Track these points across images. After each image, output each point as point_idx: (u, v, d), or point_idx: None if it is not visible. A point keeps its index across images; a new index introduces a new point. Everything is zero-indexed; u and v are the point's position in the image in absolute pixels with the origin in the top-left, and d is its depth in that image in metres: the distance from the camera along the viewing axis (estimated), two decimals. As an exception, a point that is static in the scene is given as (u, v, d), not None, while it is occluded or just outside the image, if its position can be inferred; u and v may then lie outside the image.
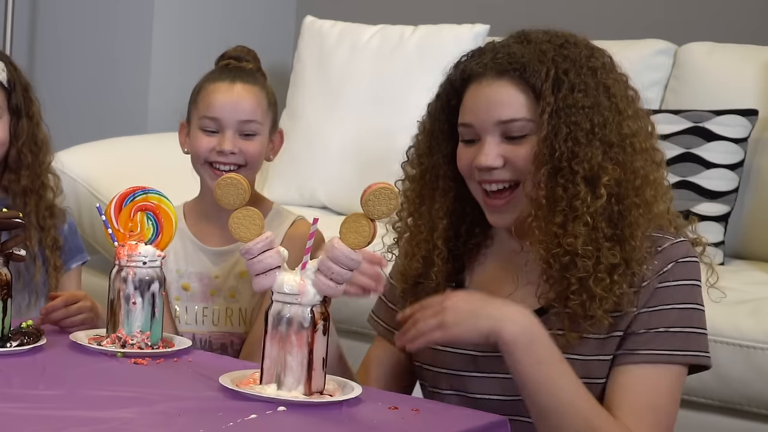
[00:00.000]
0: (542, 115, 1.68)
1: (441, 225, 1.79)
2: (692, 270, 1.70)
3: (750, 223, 2.87)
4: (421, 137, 1.83)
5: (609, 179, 1.66)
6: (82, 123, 3.83)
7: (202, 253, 2.17)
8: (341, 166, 3.33)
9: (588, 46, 1.75)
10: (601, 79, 1.71)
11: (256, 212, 1.61)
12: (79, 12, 3.88)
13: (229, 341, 2.15)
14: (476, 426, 1.53)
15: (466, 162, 1.75)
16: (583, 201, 1.65)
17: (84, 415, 1.46)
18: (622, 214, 1.67)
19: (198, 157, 2.14)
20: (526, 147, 1.70)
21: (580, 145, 1.66)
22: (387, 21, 3.53)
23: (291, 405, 1.53)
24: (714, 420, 2.37)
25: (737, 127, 2.84)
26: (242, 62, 2.20)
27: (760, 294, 2.47)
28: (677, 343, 1.67)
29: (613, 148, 1.68)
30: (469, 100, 1.74)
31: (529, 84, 1.69)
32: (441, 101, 1.80)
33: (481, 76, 1.73)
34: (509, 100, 1.70)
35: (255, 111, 2.13)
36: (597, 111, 1.68)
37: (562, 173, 1.67)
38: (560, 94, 1.68)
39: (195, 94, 2.19)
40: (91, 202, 3.03)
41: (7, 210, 1.81)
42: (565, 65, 1.70)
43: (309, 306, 1.56)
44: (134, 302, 1.81)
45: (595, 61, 1.73)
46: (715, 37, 3.15)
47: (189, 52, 3.79)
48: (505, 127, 1.70)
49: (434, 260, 1.79)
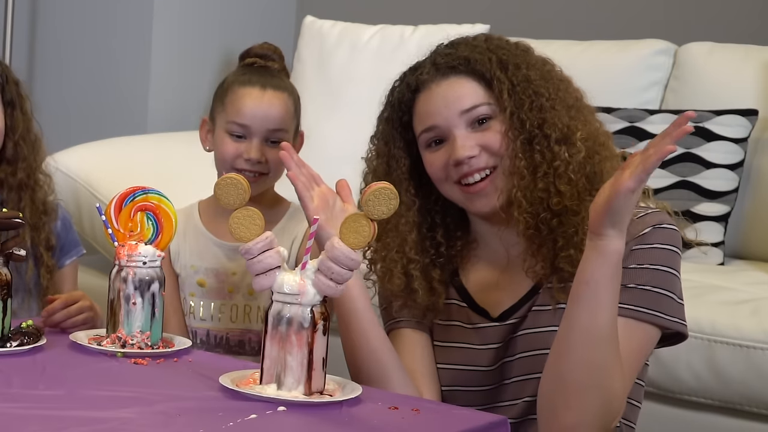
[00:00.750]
0: (501, 94, 1.75)
1: (410, 238, 1.82)
2: (670, 236, 1.72)
3: (750, 223, 2.87)
4: (377, 161, 1.86)
5: (581, 134, 1.73)
6: (82, 123, 3.83)
7: (218, 249, 2.17)
8: (341, 166, 3.32)
9: (503, 39, 1.83)
10: (534, 57, 1.80)
11: (256, 212, 1.61)
12: (79, 12, 3.88)
13: (247, 338, 2.16)
14: (476, 426, 1.53)
15: (439, 165, 1.78)
16: (563, 160, 1.72)
17: (84, 415, 1.46)
18: (596, 168, 1.73)
19: (224, 162, 2.13)
20: (494, 130, 1.76)
21: (545, 111, 1.74)
22: (387, 21, 3.53)
23: (291, 405, 1.53)
24: (714, 420, 2.38)
25: (737, 127, 2.84)
26: (268, 61, 2.18)
27: (760, 294, 2.47)
28: (650, 302, 1.68)
29: (572, 109, 1.76)
30: (423, 105, 1.80)
31: (477, 73, 1.77)
32: (391, 122, 1.85)
33: (428, 82, 1.79)
34: (464, 91, 1.77)
35: (284, 119, 2.13)
36: (547, 80, 1.77)
37: (537, 140, 1.73)
38: (509, 73, 1.76)
39: (223, 93, 2.16)
40: (91, 202, 3.02)
41: (7, 210, 1.81)
42: (500, 52, 1.78)
43: (309, 306, 1.56)
44: (134, 302, 1.81)
45: (520, 45, 1.82)
46: (715, 37, 3.15)
47: (189, 52, 3.79)
48: (470, 115, 1.76)
49: (412, 273, 1.81)
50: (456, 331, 1.84)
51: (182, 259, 2.18)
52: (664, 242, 1.71)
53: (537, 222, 1.71)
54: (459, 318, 1.84)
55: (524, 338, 1.76)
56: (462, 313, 1.84)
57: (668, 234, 1.71)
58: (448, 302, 1.85)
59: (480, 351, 1.80)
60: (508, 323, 1.78)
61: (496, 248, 1.83)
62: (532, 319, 1.76)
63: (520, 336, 1.77)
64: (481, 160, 1.75)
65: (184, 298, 2.19)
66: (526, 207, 1.72)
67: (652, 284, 1.68)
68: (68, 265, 2.32)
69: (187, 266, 2.18)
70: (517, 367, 1.77)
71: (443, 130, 1.77)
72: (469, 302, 1.84)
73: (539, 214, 1.71)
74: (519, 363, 1.77)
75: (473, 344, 1.81)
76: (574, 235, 1.70)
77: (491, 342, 1.80)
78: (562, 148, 1.72)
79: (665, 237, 1.71)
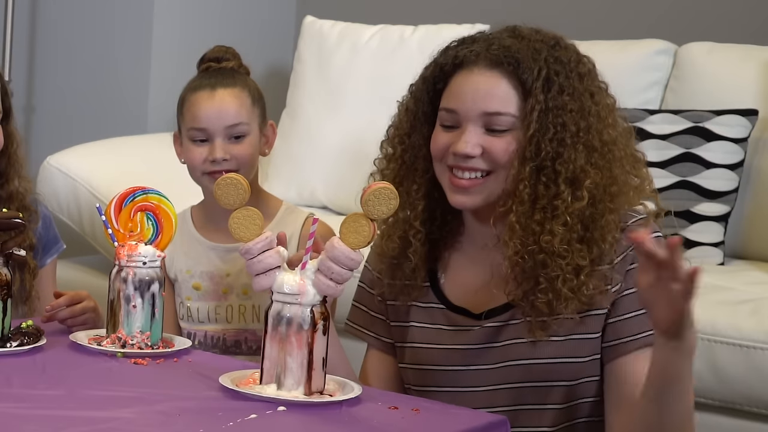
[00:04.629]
0: (531, 113, 1.70)
1: (419, 206, 1.80)
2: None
3: (750, 223, 2.87)
4: (404, 117, 1.84)
5: (591, 182, 1.69)
6: (82, 123, 3.82)
7: (211, 252, 2.18)
8: (341, 165, 3.33)
9: (576, 52, 1.78)
10: (586, 85, 1.75)
11: (255, 212, 1.61)
12: (79, 12, 3.88)
13: (243, 338, 2.16)
14: (476, 426, 1.53)
15: (441, 146, 1.76)
16: (564, 201, 1.69)
17: (84, 415, 1.46)
18: (595, 217, 1.70)
19: (194, 169, 2.16)
20: (506, 141, 1.72)
21: (565, 147, 1.70)
22: (387, 21, 3.53)
23: (291, 405, 1.53)
24: (714, 420, 2.37)
25: (737, 127, 2.83)
26: (222, 63, 2.20)
27: (760, 294, 2.47)
28: None
29: (595, 153, 1.71)
30: (457, 85, 1.76)
31: (521, 80, 1.72)
32: (427, 84, 1.81)
33: (473, 63, 1.75)
34: (498, 93, 1.73)
35: (239, 113, 2.14)
36: (582, 116, 1.72)
37: (545, 172, 1.70)
38: (549, 95, 1.71)
39: (180, 105, 2.20)
40: (91, 202, 3.02)
41: (7, 210, 1.81)
42: (556, 67, 1.73)
43: (309, 306, 1.56)
44: (134, 305, 1.81)
45: (582, 66, 1.76)
46: (715, 37, 3.15)
47: (189, 52, 3.77)
48: (489, 119, 1.73)
49: (410, 241, 1.80)
50: (430, 333, 1.81)
51: (177, 264, 2.20)
52: None
53: (524, 251, 1.69)
54: (438, 320, 1.81)
55: (502, 349, 1.74)
56: (441, 315, 1.82)
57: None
58: (426, 305, 1.83)
59: (454, 351, 1.78)
60: (489, 326, 1.76)
61: (485, 249, 1.80)
62: (514, 329, 1.75)
63: (498, 347, 1.75)
64: (478, 162, 1.73)
65: (181, 302, 2.20)
66: (519, 233, 1.70)
67: None
68: (47, 265, 2.28)
69: (183, 271, 2.19)
70: (493, 375, 1.75)
71: (459, 118, 1.74)
72: (447, 304, 1.82)
73: (528, 245, 1.69)
74: (494, 372, 1.75)
75: (447, 344, 1.79)
76: (556, 279, 1.68)
77: (468, 343, 1.77)
78: (567, 189, 1.69)
79: None
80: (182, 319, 2.20)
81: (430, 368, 1.80)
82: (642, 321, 1.68)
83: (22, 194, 2.21)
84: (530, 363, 1.72)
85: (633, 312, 1.70)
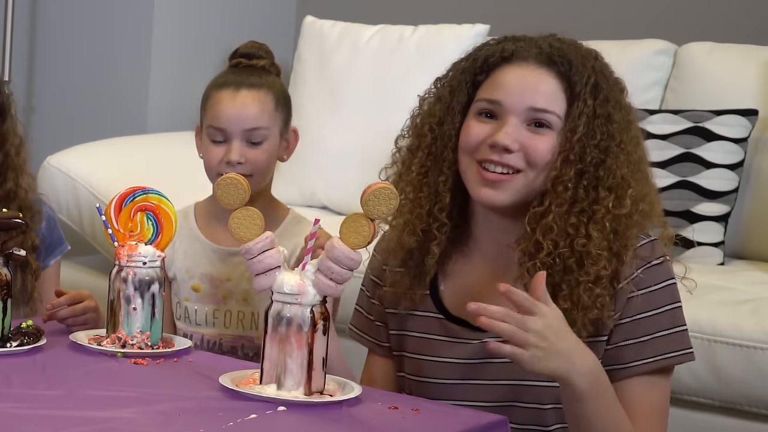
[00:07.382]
0: (580, 116, 1.70)
1: (446, 198, 1.76)
2: (662, 272, 1.71)
3: (750, 223, 2.87)
4: (437, 107, 1.79)
5: (633, 191, 1.69)
6: (81, 123, 3.82)
7: (213, 254, 2.16)
8: (341, 166, 3.33)
9: (612, 69, 1.78)
10: (625, 101, 1.76)
11: (256, 212, 1.61)
12: (79, 12, 3.88)
13: (240, 344, 2.15)
14: (476, 426, 1.53)
15: (476, 137, 1.72)
16: (604, 206, 1.68)
17: (84, 415, 1.46)
18: (623, 230, 1.69)
19: (210, 169, 2.13)
20: (545, 140, 1.70)
21: (610, 154, 1.69)
22: (387, 21, 3.53)
23: (291, 405, 1.53)
24: (714, 420, 2.38)
25: (737, 127, 2.84)
26: (253, 59, 2.17)
27: (760, 294, 2.47)
28: (662, 347, 1.69)
29: (634, 167, 1.71)
30: (503, 76, 1.73)
31: (570, 82, 1.71)
32: (467, 74, 1.78)
33: (524, 59, 1.73)
34: (547, 90, 1.71)
35: (260, 117, 2.10)
36: (625, 129, 1.72)
37: (588, 176, 1.69)
38: (597, 101, 1.71)
39: (204, 99, 2.16)
40: (91, 202, 3.02)
41: (7, 210, 1.81)
42: (601, 77, 1.73)
43: (309, 306, 1.56)
44: (134, 307, 1.81)
45: (621, 83, 1.77)
46: (715, 37, 3.15)
47: (189, 52, 3.79)
48: (535, 115, 1.71)
49: (435, 234, 1.76)
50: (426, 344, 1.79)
51: (177, 263, 2.18)
52: (659, 281, 1.70)
53: (556, 253, 1.67)
54: (435, 331, 1.79)
55: (501, 366, 1.71)
56: (439, 325, 1.79)
57: (660, 270, 1.71)
58: (423, 314, 1.81)
59: (450, 364, 1.76)
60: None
61: (501, 250, 1.77)
62: None
63: (497, 363, 1.71)
64: (514, 158, 1.69)
65: (179, 302, 2.18)
66: (554, 234, 1.67)
67: (662, 329, 1.69)
68: (51, 266, 2.28)
69: (182, 270, 2.17)
70: (490, 392, 1.73)
71: (502, 110, 1.71)
72: (446, 313, 1.79)
73: (561, 247, 1.67)
74: (491, 389, 1.73)
75: (443, 357, 1.77)
76: (578, 286, 1.66)
77: (466, 357, 1.75)
78: (609, 195, 1.68)
79: (659, 275, 1.70)
80: (179, 319, 2.18)
81: (425, 380, 1.78)
82: (637, 349, 1.68)
83: (22, 194, 2.20)
84: (529, 384, 1.70)
85: (630, 339, 1.69)
